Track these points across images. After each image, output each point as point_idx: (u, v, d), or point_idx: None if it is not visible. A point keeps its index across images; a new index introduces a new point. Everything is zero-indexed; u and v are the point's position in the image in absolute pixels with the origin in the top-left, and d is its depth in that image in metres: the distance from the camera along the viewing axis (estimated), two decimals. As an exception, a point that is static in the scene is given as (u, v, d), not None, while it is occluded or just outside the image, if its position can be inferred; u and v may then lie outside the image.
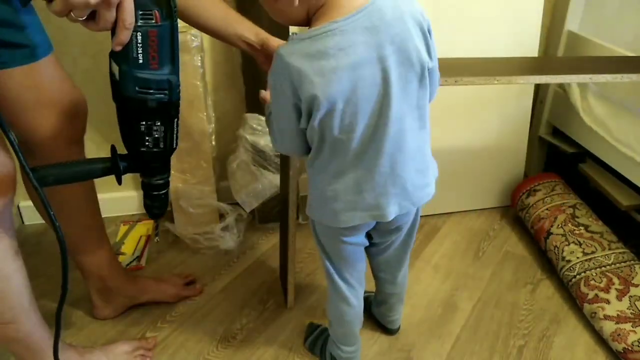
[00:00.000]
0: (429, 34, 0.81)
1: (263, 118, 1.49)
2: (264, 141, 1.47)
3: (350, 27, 0.74)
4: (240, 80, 1.51)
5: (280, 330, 1.26)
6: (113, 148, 0.86)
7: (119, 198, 1.69)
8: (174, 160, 1.49)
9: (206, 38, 1.51)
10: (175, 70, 0.77)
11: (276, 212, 1.61)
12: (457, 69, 1.17)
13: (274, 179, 1.49)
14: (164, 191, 0.91)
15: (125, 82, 0.75)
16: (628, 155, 1.39)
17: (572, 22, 1.65)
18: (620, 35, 1.61)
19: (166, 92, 0.77)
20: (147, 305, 1.32)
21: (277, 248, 1.55)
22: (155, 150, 0.83)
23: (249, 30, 0.98)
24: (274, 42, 0.98)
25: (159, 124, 0.80)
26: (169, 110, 0.80)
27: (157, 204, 0.92)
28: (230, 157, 1.53)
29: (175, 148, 0.85)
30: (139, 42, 0.72)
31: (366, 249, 1.03)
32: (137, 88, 0.75)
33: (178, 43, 0.76)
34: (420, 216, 1.00)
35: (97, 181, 1.65)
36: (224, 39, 1.00)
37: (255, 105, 1.51)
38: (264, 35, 0.99)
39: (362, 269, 1.04)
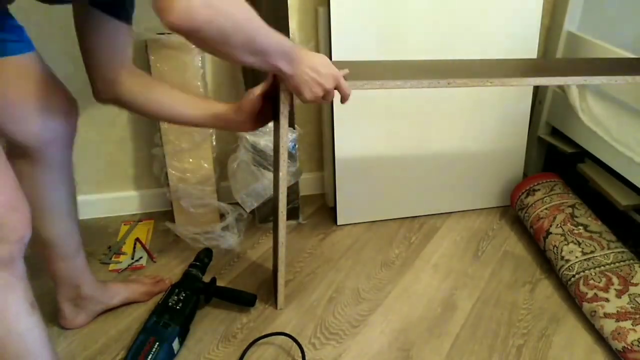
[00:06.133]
0: None
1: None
2: (264, 141, 1.47)
3: None
4: (241, 80, 1.52)
5: (280, 329, 1.26)
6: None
7: (119, 198, 1.70)
8: (174, 160, 1.51)
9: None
10: None
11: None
12: (455, 70, 1.17)
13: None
14: None
15: None
16: (627, 155, 1.40)
17: (571, 23, 1.66)
18: (619, 35, 1.61)
19: None
20: (146, 304, 1.32)
21: (277, 248, 1.56)
22: None
23: (222, 108, 1.06)
24: (245, 100, 1.05)
25: None
26: None
27: None
28: (230, 157, 1.53)
29: None
30: None
31: None
32: None
33: None
34: (420, 216, 1.00)
35: (98, 181, 1.66)
36: (201, 125, 1.12)
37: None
38: (233, 104, 1.06)
39: None
